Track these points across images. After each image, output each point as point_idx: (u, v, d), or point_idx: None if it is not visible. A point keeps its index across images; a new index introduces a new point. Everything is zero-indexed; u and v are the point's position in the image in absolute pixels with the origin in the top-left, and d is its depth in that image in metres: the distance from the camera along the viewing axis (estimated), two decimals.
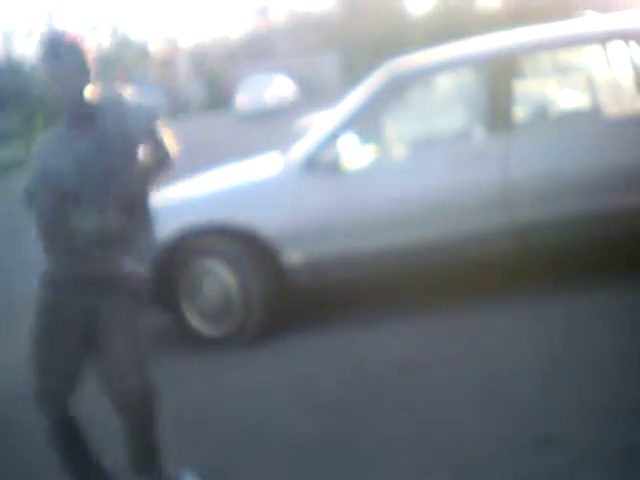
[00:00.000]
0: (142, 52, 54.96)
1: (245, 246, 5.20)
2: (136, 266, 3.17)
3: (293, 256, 5.18)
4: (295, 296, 5.32)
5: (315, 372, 4.64)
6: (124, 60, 50.80)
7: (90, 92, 3.10)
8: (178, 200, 5.53)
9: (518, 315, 4.85)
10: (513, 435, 3.46)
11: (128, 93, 3.25)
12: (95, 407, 3.44)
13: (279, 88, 35.47)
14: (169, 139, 3.33)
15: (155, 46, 57.27)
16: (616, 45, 5.11)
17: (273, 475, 3.56)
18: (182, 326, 5.34)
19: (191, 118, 41.11)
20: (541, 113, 5.44)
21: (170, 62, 53.73)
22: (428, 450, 3.50)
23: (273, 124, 24.19)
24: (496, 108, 5.15)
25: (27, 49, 56.26)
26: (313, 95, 34.14)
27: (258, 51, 48.34)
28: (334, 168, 5.21)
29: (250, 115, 33.11)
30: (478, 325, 4.83)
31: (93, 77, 3.10)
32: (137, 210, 3.19)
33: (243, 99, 34.71)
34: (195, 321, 5.28)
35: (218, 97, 46.33)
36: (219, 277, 5.22)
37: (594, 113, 5.19)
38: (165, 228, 4.76)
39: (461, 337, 4.71)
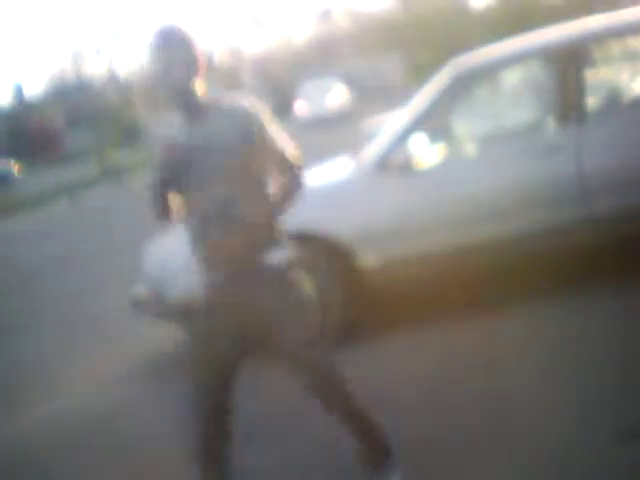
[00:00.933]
0: (207, 62, 55.63)
1: (321, 250, 5.24)
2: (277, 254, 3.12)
3: (368, 258, 5.21)
4: (372, 298, 5.34)
5: (398, 372, 4.65)
6: None
7: (200, 88, 3.08)
8: None
9: (597, 309, 4.78)
10: (595, 430, 3.44)
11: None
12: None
13: (337, 94, 35.26)
14: (289, 146, 3.17)
15: (220, 55, 57.95)
16: None
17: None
18: None
19: None
20: (612, 103, 5.36)
21: (235, 70, 54.23)
22: (507, 450, 3.49)
23: (332, 130, 24.21)
24: (567, 100, 5.10)
25: (96, 68, 57.48)
26: (371, 100, 33.93)
27: (322, 55, 48.47)
28: (406, 168, 5.22)
29: (308, 122, 32.97)
30: (556, 320, 4.79)
31: (202, 75, 3.09)
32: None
33: (301, 106, 34.61)
34: None
35: (283, 104, 46.57)
36: None
37: None
38: None
39: (538, 333, 4.67)
